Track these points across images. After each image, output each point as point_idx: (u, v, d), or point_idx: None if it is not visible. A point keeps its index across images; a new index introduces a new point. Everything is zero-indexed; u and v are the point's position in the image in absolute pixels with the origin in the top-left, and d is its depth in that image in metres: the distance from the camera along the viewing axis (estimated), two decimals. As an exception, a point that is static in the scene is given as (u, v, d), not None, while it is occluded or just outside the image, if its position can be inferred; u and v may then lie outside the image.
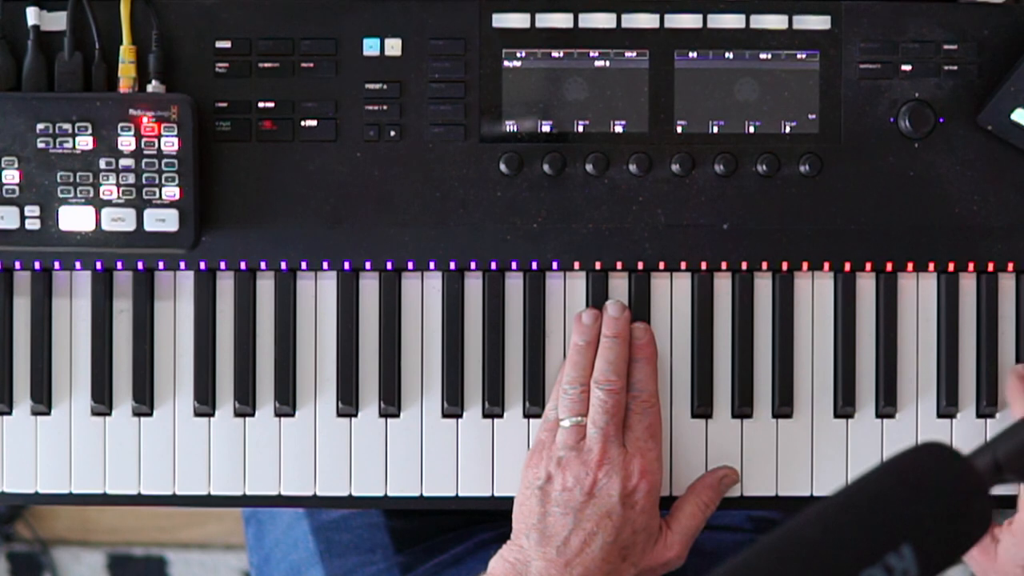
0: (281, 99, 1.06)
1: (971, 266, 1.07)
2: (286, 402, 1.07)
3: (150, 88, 1.04)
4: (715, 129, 1.06)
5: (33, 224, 1.03)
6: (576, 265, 1.07)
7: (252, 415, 1.07)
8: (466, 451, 1.07)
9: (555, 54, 1.06)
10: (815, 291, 1.08)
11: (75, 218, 1.02)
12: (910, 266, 1.07)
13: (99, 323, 1.06)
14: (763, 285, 1.08)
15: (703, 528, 1.22)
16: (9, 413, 1.07)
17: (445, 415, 1.07)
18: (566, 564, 0.99)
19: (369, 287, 1.07)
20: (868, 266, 1.07)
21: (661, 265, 1.07)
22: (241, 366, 1.07)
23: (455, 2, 1.06)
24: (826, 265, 1.07)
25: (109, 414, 1.07)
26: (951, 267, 1.07)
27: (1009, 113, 1.04)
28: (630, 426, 1.03)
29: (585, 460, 1.01)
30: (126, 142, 1.02)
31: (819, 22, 1.06)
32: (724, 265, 1.07)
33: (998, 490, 0.69)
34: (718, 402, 1.08)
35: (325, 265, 1.07)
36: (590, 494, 1.00)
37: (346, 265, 1.07)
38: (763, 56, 1.06)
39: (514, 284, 1.07)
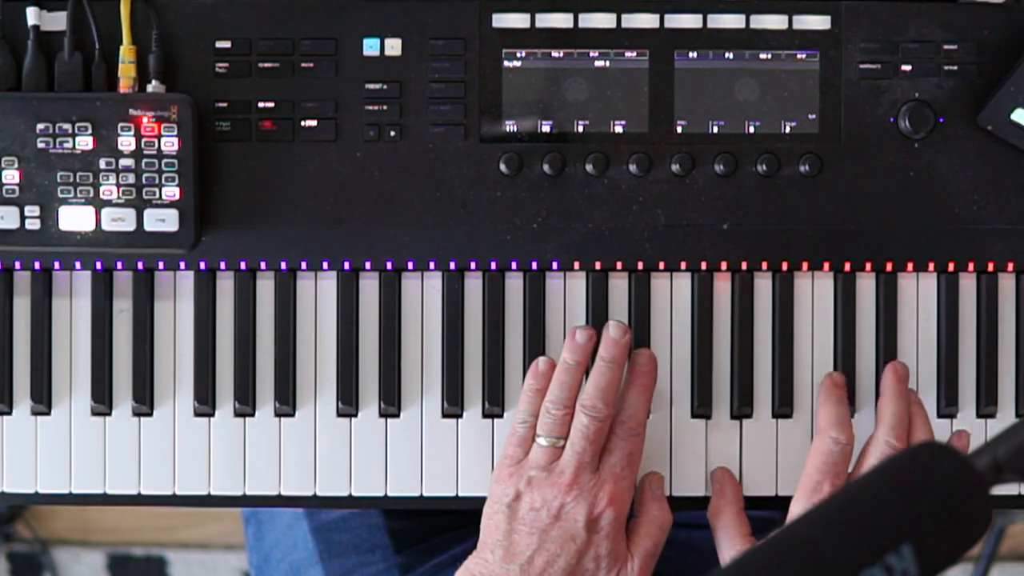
0: (281, 99, 1.06)
1: (971, 266, 1.07)
2: (286, 402, 1.07)
3: (150, 88, 1.04)
4: (715, 129, 1.06)
5: (33, 224, 1.03)
6: (576, 265, 1.07)
7: (252, 415, 1.07)
8: (466, 451, 1.07)
9: (555, 54, 1.06)
10: (815, 291, 1.08)
11: (75, 218, 1.02)
12: (910, 266, 1.07)
13: (99, 323, 1.07)
14: (763, 285, 1.08)
15: (702, 528, 1.22)
16: (9, 413, 1.07)
17: (445, 415, 1.07)
18: None
19: (369, 287, 1.07)
20: (868, 266, 1.07)
21: (661, 265, 1.07)
22: (241, 366, 1.07)
23: (455, 2, 1.06)
24: (826, 265, 1.07)
25: (109, 414, 1.07)
26: (951, 267, 1.07)
27: (1009, 113, 1.04)
28: (610, 451, 1.02)
29: (555, 482, 1.00)
30: (126, 142, 1.02)
31: (819, 22, 1.06)
32: (724, 265, 1.07)
33: (998, 490, 0.69)
34: (718, 402, 1.08)
35: (325, 265, 1.07)
36: (556, 516, 1.00)
37: (346, 265, 1.07)
38: (763, 56, 1.06)
39: (514, 284, 1.07)
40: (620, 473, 1.01)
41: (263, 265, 1.07)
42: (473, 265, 1.07)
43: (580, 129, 1.06)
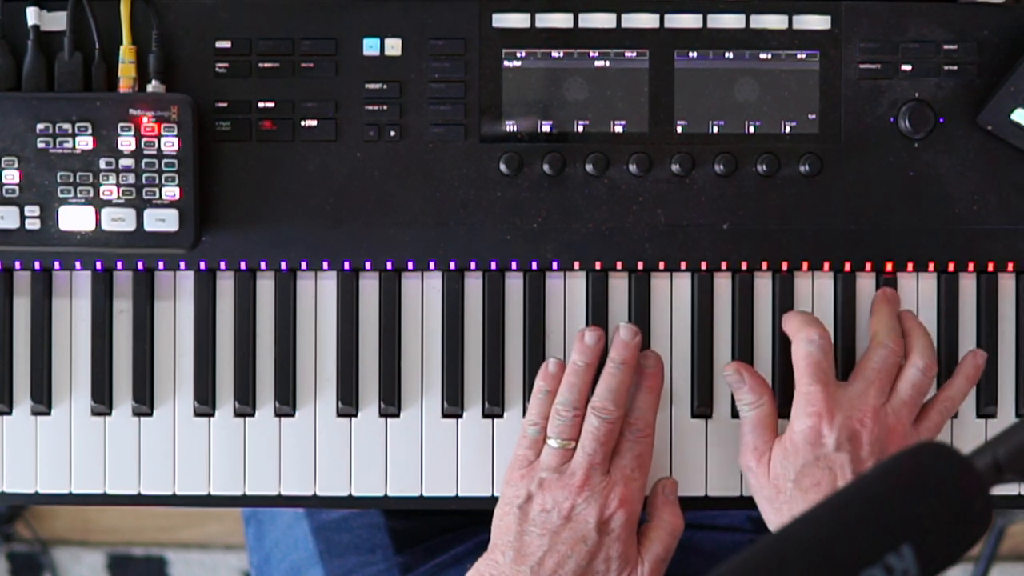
0: (281, 99, 1.06)
1: (971, 266, 1.07)
2: (286, 402, 1.07)
3: (150, 88, 1.04)
4: (715, 129, 1.06)
5: (33, 224, 1.03)
6: (576, 265, 1.07)
7: (252, 415, 1.07)
8: (466, 451, 1.07)
9: (555, 54, 1.06)
10: (815, 291, 1.08)
11: (75, 218, 1.02)
12: (910, 266, 1.07)
13: (99, 323, 1.07)
14: (763, 285, 1.08)
15: (702, 528, 1.22)
16: (9, 413, 1.07)
17: (445, 415, 1.07)
18: None
19: (369, 287, 1.07)
20: (868, 266, 1.07)
21: (661, 265, 1.07)
22: (241, 366, 1.07)
23: (455, 2, 1.06)
24: (826, 265, 1.07)
25: (109, 414, 1.07)
26: (951, 267, 1.07)
27: (1009, 113, 1.04)
28: (619, 453, 1.02)
29: (567, 484, 1.00)
30: (126, 142, 1.02)
31: (819, 22, 1.06)
32: (724, 265, 1.07)
33: (998, 490, 0.69)
34: (718, 402, 1.08)
35: (325, 265, 1.07)
36: (567, 518, 1.00)
37: (346, 265, 1.07)
38: (763, 56, 1.06)
39: (514, 284, 1.07)
40: (631, 475, 1.02)
41: (263, 265, 1.07)
42: (473, 265, 1.07)
43: (580, 129, 1.06)
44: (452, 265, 1.07)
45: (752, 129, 1.06)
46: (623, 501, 1.01)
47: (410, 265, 1.07)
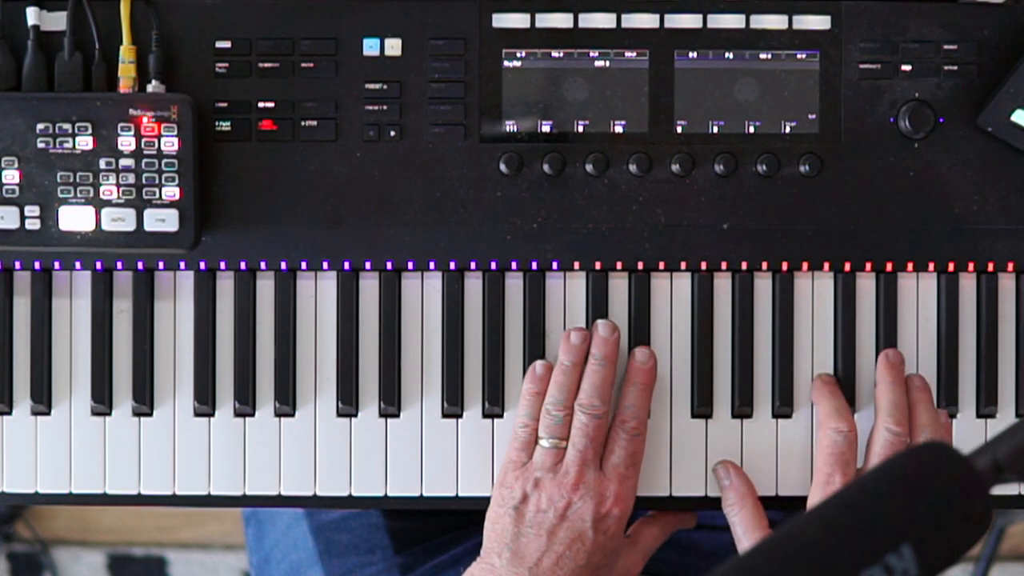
0: (281, 99, 1.06)
1: (971, 266, 1.07)
2: (286, 402, 1.07)
3: (150, 88, 1.04)
4: (715, 129, 1.06)
5: (33, 224, 1.03)
6: (576, 265, 1.07)
7: (252, 415, 1.07)
8: (466, 451, 1.07)
9: (555, 54, 1.06)
10: (815, 291, 1.08)
11: (75, 218, 1.02)
12: (910, 266, 1.07)
13: (99, 323, 1.07)
14: (763, 285, 1.08)
15: (702, 528, 1.22)
16: (9, 413, 1.07)
17: (445, 415, 1.07)
18: None
19: (369, 287, 1.07)
20: (868, 266, 1.07)
21: (661, 265, 1.07)
22: (241, 366, 1.07)
23: (455, 2, 1.06)
24: (826, 265, 1.07)
25: (109, 414, 1.07)
26: (951, 267, 1.07)
27: (1009, 114, 1.04)
28: (612, 450, 1.03)
29: (561, 482, 1.01)
30: (126, 142, 1.02)
31: (819, 22, 1.06)
32: (724, 265, 1.07)
33: (998, 490, 0.69)
34: (718, 402, 1.08)
35: (325, 265, 1.07)
36: (563, 516, 1.00)
37: (346, 265, 1.07)
38: (763, 56, 1.06)
39: (514, 284, 1.07)
40: (625, 472, 1.02)
41: (263, 265, 1.07)
42: (473, 265, 1.07)
43: (580, 129, 1.06)
44: (452, 265, 1.07)
45: (752, 129, 1.06)
46: (618, 498, 1.01)
47: (410, 265, 1.07)
